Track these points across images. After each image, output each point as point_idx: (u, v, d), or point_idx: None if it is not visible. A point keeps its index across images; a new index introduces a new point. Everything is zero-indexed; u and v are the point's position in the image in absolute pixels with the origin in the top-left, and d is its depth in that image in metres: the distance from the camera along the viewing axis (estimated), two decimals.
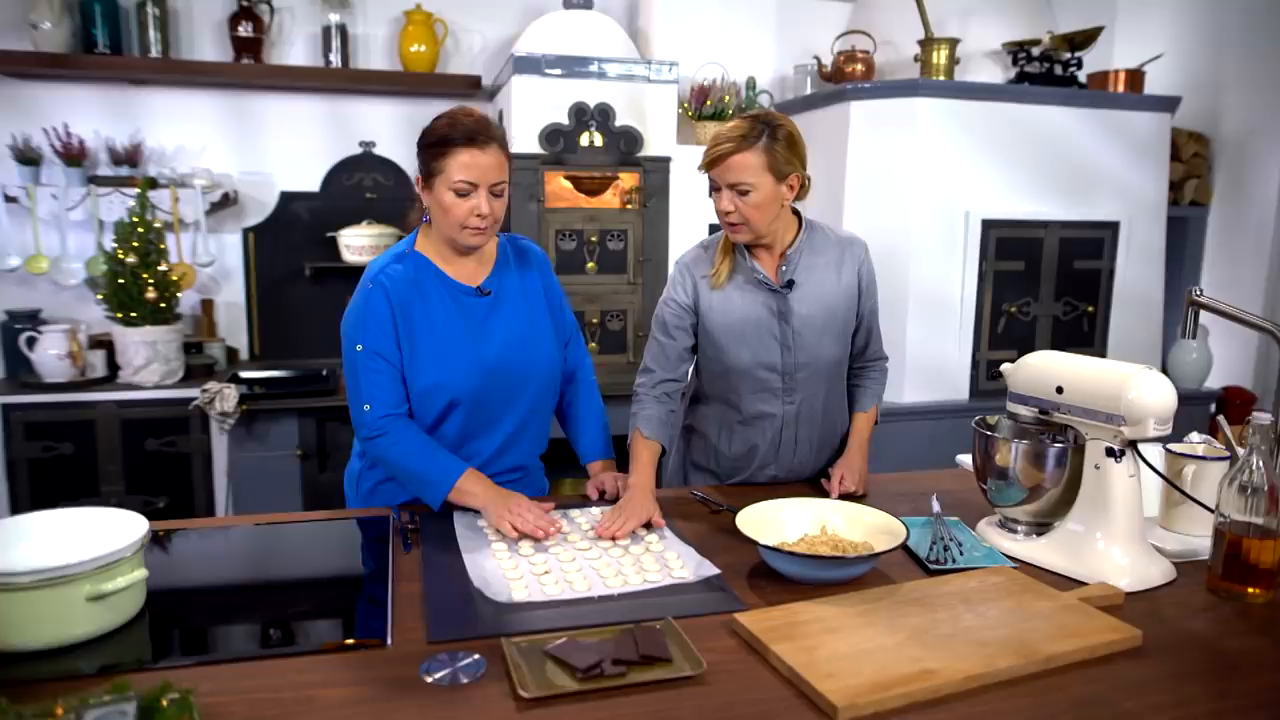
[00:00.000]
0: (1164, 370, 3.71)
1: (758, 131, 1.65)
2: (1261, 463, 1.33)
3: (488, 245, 1.73)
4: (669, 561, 1.42)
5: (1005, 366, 1.62)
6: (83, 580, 1.11)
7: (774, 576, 1.38)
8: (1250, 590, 1.34)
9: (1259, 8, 3.67)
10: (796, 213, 1.83)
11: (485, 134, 1.57)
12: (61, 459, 3.04)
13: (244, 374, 3.19)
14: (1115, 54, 4.19)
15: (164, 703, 0.92)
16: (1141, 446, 1.42)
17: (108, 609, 1.15)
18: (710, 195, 1.74)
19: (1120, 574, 1.37)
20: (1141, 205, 3.41)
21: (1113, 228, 3.33)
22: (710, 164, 1.69)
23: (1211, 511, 1.39)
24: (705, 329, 1.82)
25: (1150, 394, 1.37)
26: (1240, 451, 1.36)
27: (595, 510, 1.67)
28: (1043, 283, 3.27)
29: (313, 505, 3.14)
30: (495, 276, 1.73)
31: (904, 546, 1.48)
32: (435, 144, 1.58)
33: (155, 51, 3.30)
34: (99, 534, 1.20)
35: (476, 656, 1.10)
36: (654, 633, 1.15)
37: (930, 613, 1.24)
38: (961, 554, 1.47)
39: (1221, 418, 1.66)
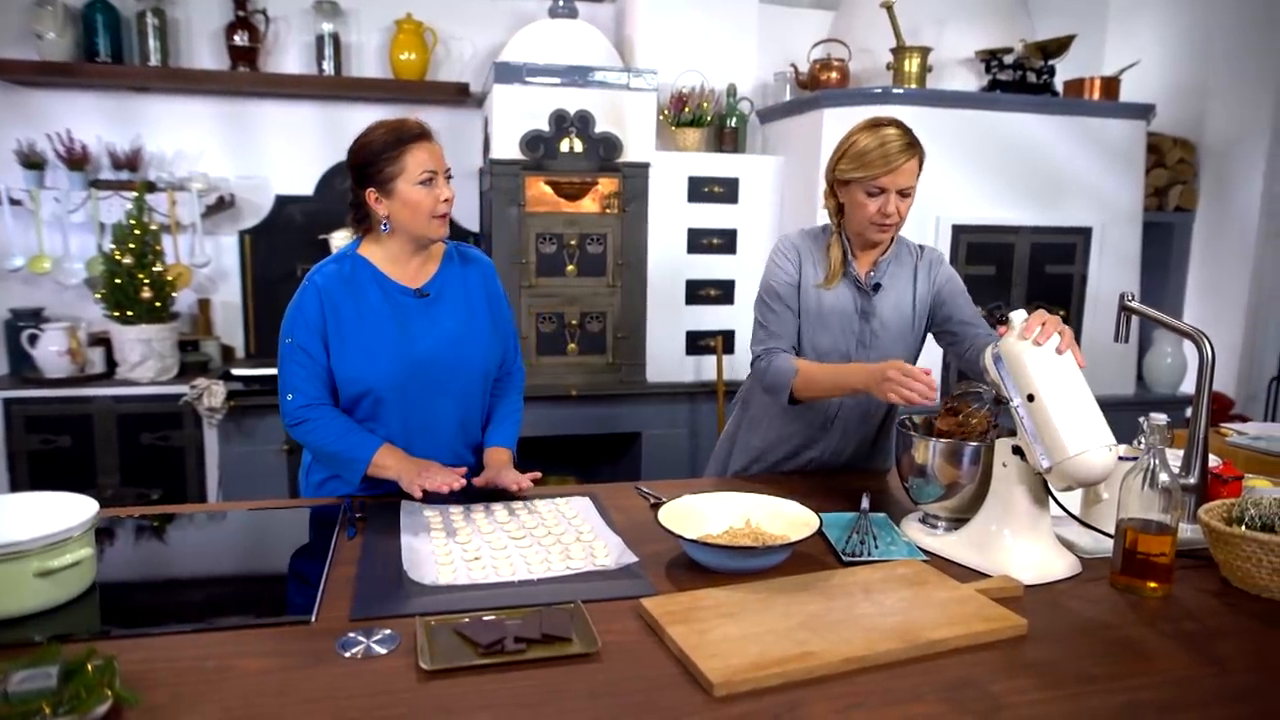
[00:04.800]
0: (1139, 375, 3.75)
1: (912, 139, 1.81)
2: (1158, 461, 1.39)
3: (435, 247, 1.83)
4: (595, 550, 1.49)
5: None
6: (32, 557, 1.21)
7: (693, 566, 1.45)
8: (1149, 585, 1.39)
9: (1245, 15, 3.70)
10: None
11: (425, 129, 1.73)
12: (60, 451, 3.16)
13: (234, 371, 3.30)
14: (1106, 59, 4.23)
15: (89, 667, 1.01)
16: None
17: (55, 584, 1.24)
18: (857, 199, 1.83)
19: (1023, 567, 1.43)
20: (1116, 211, 3.45)
21: (1085, 233, 3.38)
22: (886, 172, 1.78)
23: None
24: (800, 307, 1.93)
25: None
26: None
27: (539, 503, 1.74)
28: (1014, 287, 3.33)
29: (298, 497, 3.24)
30: (437, 279, 1.82)
31: (823, 539, 1.56)
32: (387, 148, 1.68)
33: (155, 60, 3.43)
34: (52, 515, 1.29)
35: (389, 632, 1.19)
36: (560, 614, 1.23)
37: (828, 600, 1.30)
38: (877, 547, 1.54)
39: (1142, 418, 1.71)
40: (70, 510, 1.31)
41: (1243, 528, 1.41)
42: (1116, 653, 1.21)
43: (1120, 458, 1.63)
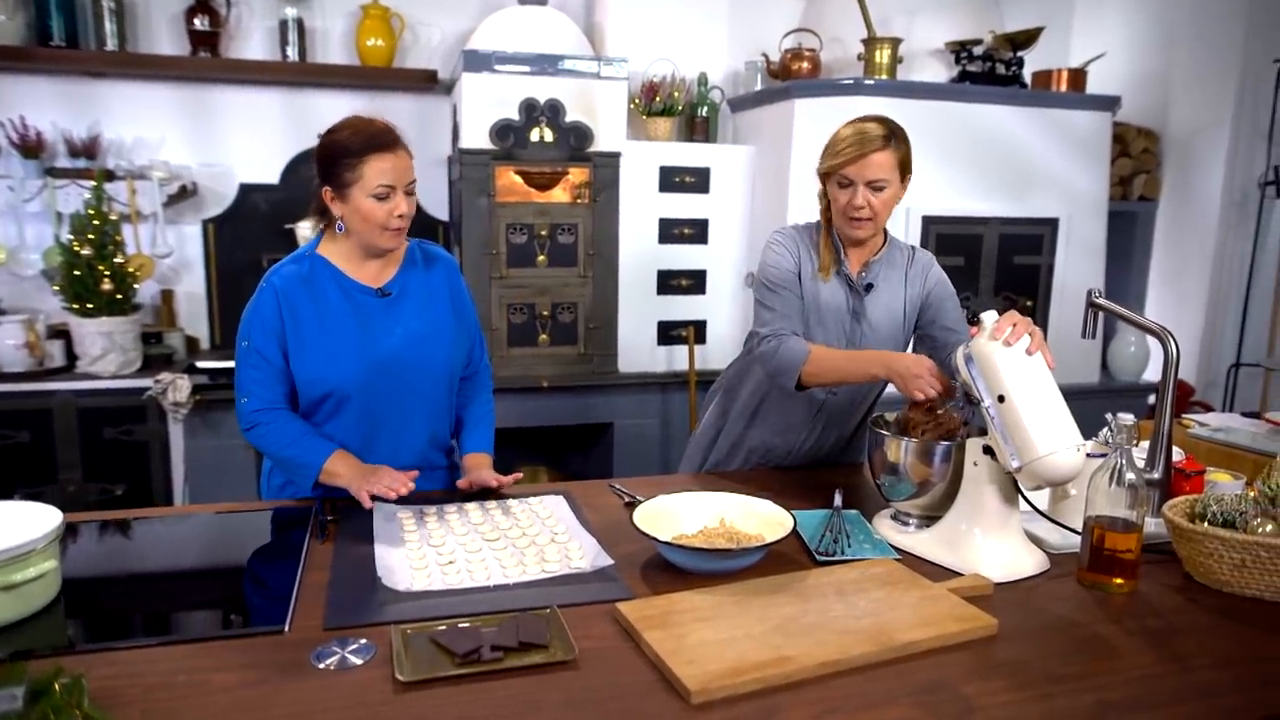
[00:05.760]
0: (1104, 363, 3.81)
1: (889, 132, 1.80)
2: (1125, 460, 1.41)
3: (397, 248, 1.79)
4: (570, 552, 1.49)
5: None
6: None
7: (669, 567, 1.46)
8: (1116, 581, 1.42)
9: (1207, 7, 3.75)
10: None
11: (393, 137, 1.67)
12: (19, 447, 3.09)
13: (200, 364, 3.24)
14: (1072, 50, 4.27)
15: (56, 687, 0.99)
16: None
17: (18, 598, 1.21)
18: (833, 192, 1.84)
19: (993, 565, 1.45)
20: (1082, 202, 3.50)
21: (1052, 224, 3.42)
22: (851, 161, 1.78)
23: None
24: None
25: None
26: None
27: (513, 503, 1.73)
28: (982, 278, 3.36)
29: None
30: (399, 278, 1.79)
31: (796, 537, 1.57)
32: (349, 153, 1.65)
33: (112, 44, 3.32)
34: (14, 526, 1.26)
35: (364, 642, 1.18)
36: (536, 620, 1.23)
37: (802, 603, 1.31)
38: (850, 545, 1.55)
39: (1109, 416, 1.74)
40: (33, 521, 1.28)
41: (1205, 524, 1.44)
42: (1085, 651, 1.23)
43: (1087, 454, 1.67)
